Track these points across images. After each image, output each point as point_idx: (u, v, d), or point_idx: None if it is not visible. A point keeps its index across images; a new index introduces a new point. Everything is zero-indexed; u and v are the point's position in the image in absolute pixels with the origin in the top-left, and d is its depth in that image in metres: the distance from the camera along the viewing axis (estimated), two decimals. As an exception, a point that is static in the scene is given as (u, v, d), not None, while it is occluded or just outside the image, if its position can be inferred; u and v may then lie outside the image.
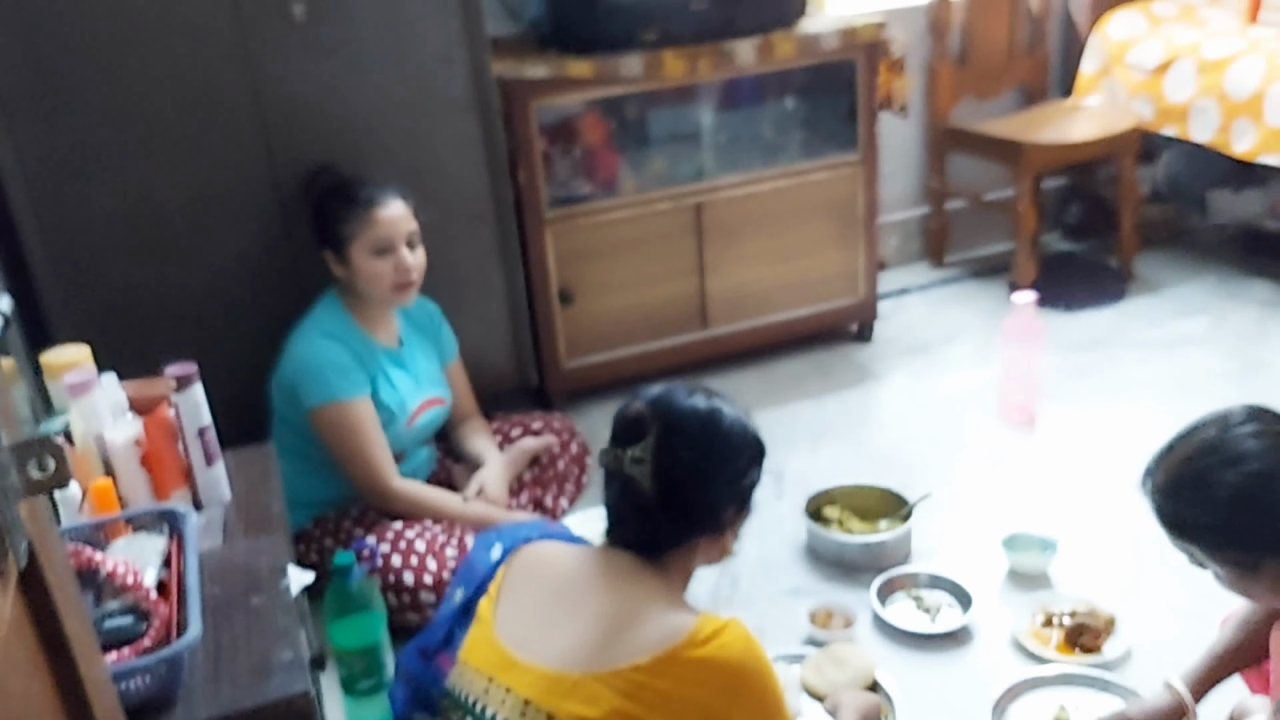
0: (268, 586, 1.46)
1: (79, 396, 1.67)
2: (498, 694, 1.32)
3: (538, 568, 1.43)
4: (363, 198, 2.23)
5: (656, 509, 1.37)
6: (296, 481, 2.24)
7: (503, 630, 1.37)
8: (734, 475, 1.42)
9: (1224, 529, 1.36)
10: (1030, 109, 3.74)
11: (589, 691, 1.26)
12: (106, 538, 1.46)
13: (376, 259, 2.23)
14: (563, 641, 1.32)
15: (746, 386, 3.10)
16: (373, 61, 2.36)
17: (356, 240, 2.22)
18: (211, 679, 1.30)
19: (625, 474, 1.37)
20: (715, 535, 1.44)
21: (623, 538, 1.42)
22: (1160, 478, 1.42)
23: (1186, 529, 1.40)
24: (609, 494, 1.42)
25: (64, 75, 2.14)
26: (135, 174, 2.25)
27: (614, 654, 1.28)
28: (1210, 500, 1.36)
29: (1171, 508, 1.41)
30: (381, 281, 2.24)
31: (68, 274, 2.25)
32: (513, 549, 1.48)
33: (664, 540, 1.40)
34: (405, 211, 2.26)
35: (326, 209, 2.25)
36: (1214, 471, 1.36)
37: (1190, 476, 1.38)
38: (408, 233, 2.26)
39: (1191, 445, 1.40)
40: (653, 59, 2.77)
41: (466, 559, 1.58)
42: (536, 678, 1.30)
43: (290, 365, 2.24)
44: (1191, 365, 3.06)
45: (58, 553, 0.89)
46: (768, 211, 3.07)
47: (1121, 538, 2.34)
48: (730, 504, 1.43)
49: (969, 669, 2.04)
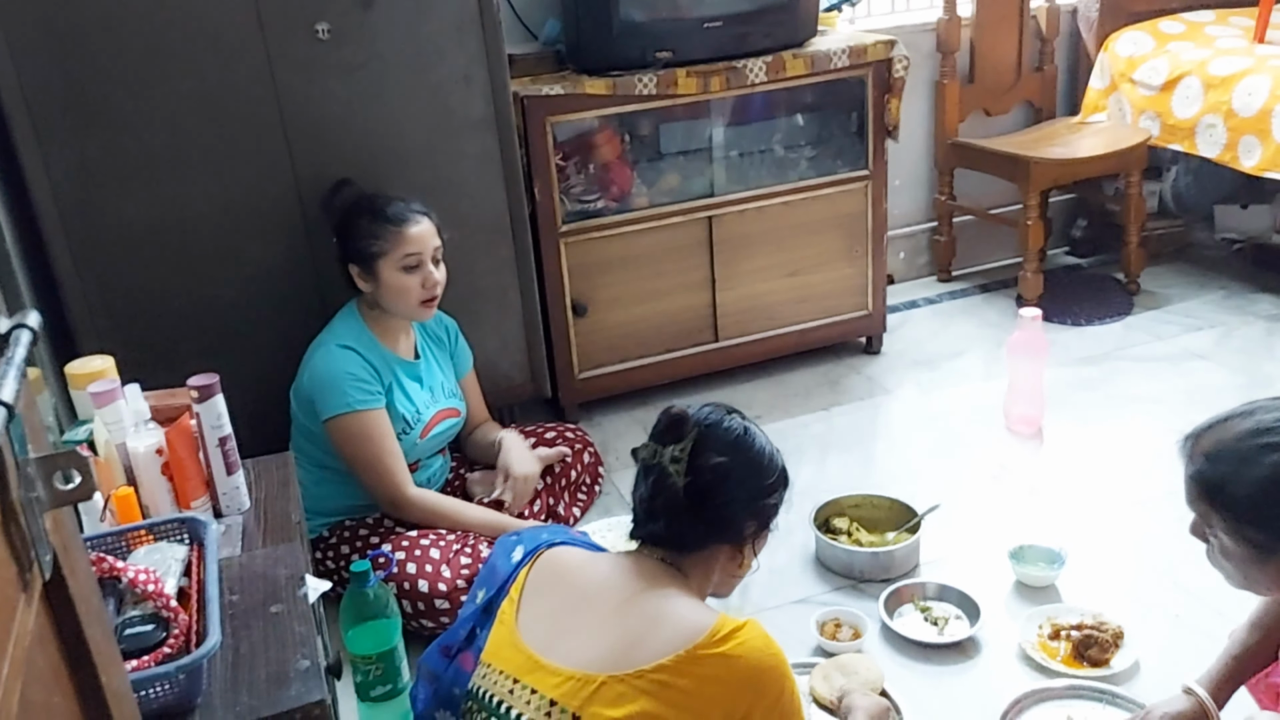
0: (286, 595, 1.49)
1: (103, 406, 1.70)
2: (523, 695, 1.36)
3: (560, 572, 1.48)
4: (393, 215, 2.27)
5: (684, 507, 1.44)
6: (315, 491, 2.28)
7: (526, 633, 1.41)
8: (757, 491, 1.49)
9: (1253, 506, 1.38)
10: (1038, 126, 3.77)
11: (614, 692, 1.30)
12: (129, 546, 1.48)
13: (406, 275, 2.27)
14: (587, 643, 1.36)
15: (756, 398, 3.13)
16: (394, 79, 2.40)
17: (387, 257, 2.25)
18: (230, 687, 1.32)
19: (661, 468, 1.45)
20: (735, 547, 1.50)
21: (649, 533, 1.48)
22: (1208, 442, 1.43)
23: (1216, 496, 1.41)
24: (641, 488, 1.49)
25: (93, 90, 2.18)
26: (161, 188, 2.29)
27: (637, 655, 1.32)
28: (1250, 475, 1.37)
29: (1210, 472, 1.42)
30: (409, 297, 2.28)
31: (94, 285, 2.29)
32: (534, 552, 1.52)
33: (687, 540, 1.46)
34: (432, 229, 2.31)
35: (354, 225, 2.29)
36: (1263, 450, 1.37)
37: (1240, 450, 1.40)
38: (434, 249, 2.30)
39: (1248, 421, 1.42)
40: (666, 77, 2.81)
41: (488, 561, 1.63)
42: (562, 679, 1.33)
43: (308, 376, 2.28)
44: (1198, 380, 3.07)
45: (81, 564, 0.90)
46: (778, 226, 3.10)
47: (1129, 550, 2.36)
48: (751, 518, 1.49)
49: (976, 680, 2.06)
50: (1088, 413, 2.95)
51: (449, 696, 1.56)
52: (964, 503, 2.58)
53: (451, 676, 1.57)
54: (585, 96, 2.76)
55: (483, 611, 1.57)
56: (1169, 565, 2.24)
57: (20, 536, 0.72)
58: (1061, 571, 2.28)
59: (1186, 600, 2.16)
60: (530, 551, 1.54)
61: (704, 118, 3.09)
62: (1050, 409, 2.90)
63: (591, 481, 2.67)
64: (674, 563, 1.47)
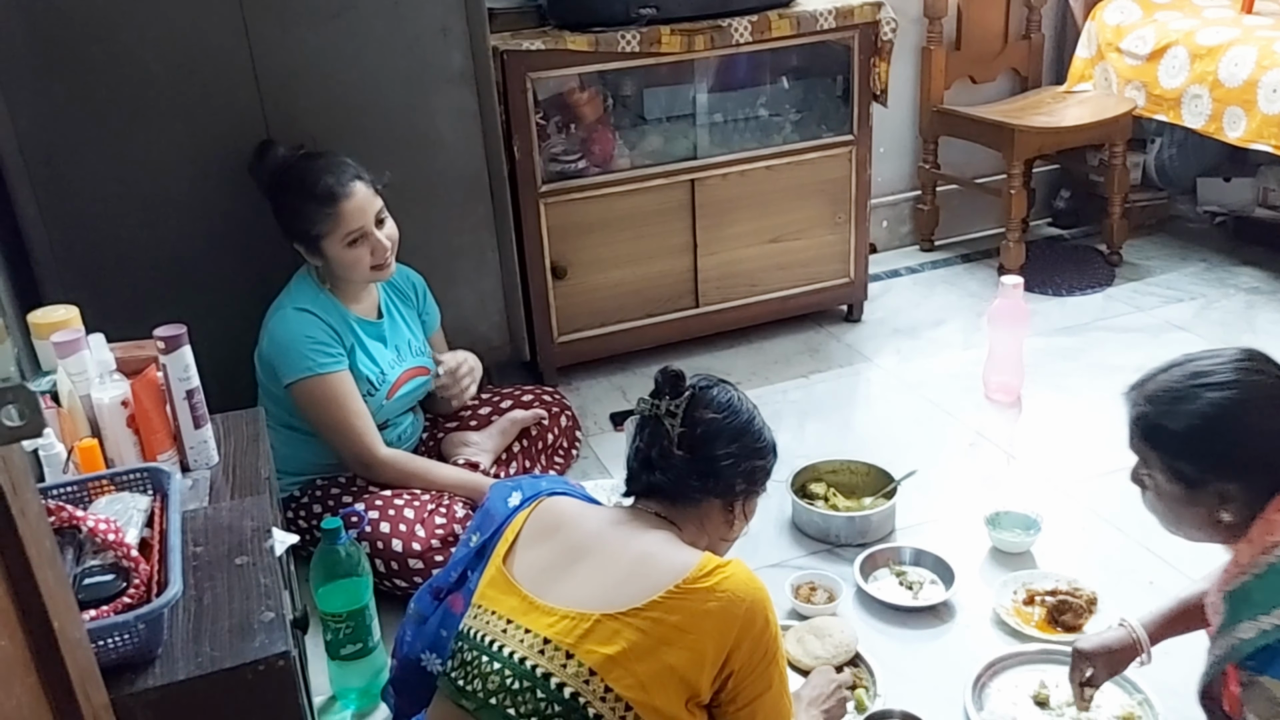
0: (252, 547, 1.47)
1: (66, 356, 1.67)
2: (516, 635, 1.39)
3: (557, 520, 1.51)
4: (322, 192, 2.15)
5: (677, 457, 1.49)
6: (285, 451, 2.24)
7: (521, 576, 1.45)
8: (748, 451, 1.54)
9: (1186, 439, 1.43)
10: (1023, 95, 3.74)
11: (606, 630, 1.34)
12: (90, 496, 1.45)
13: (352, 249, 2.20)
14: (580, 586, 1.40)
15: (736, 364, 3.12)
16: (370, 30, 2.35)
17: (328, 238, 2.18)
18: (192, 638, 1.30)
19: (657, 419, 1.51)
20: (726, 505, 1.54)
21: (644, 485, 1.52)
22: (1151, 387, 1.49)
23: (1152, 433, 1.47)
24: (638, 439, 1.54)
25: (60, 36, 2.12)
26: (130, 137, 2.23)
27: (629, 594, 1.36)
28: (1184, 412, 1.43)
29: (1146, 411, 1.47)
30: (359, 267, 2.22)
31: (59, 234, 2.24)
32: (532, 499, 1.56)
33: (680, 491, 1.50)
34: (368, 193, 2.20)
35: (284, 204, 2.20)
36: (1197, 390, 1.43)
37: (1174, 389, 1.46)
38: (375, 211, 2.22)
39: (1185, 369, 1.47)
40: (649, 34, 2.76)
41: (483, 505, 1.64)
42: (556, 619, 1.37)
43: (268, 341, 2.23)
44: (1177, 350, 2.95)
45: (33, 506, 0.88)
46: (761, 191, 3.07)
47: (1104, 517, 2.36)
48: (741, 476, 1.53)
49: (950, 644, 2.06)
50: (1066, 382, 2.95)
51: (435, 638, 1.57)
52: (941, 469, 2.57)
53: (439, 618, 1.58)
54: (566, 53, 2.72)
55: (476, 555, 1.59)
56: (1143, 533, 2.23)
57: (-39, 471, 0.69)
58: (1037, 538, 2.28)
59: (1160, 567, 2.17)
60: (529, 498, 1.57)
61: (688, 81, 3.04)
62: (1029, 378, 2.89)
63: (569, 445, 2.65)
64: (668, 515, 1.51)
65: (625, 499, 1.57)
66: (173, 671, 1.26)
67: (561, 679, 1.33)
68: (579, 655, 1.33)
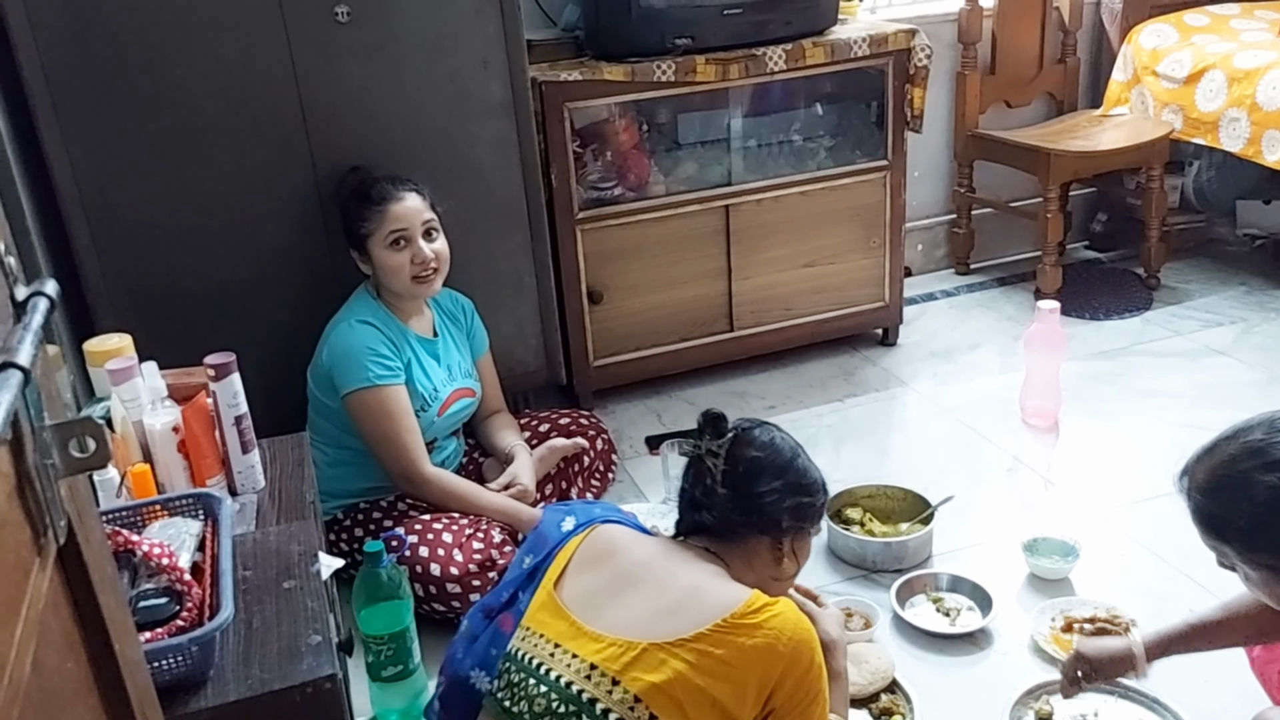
0: (299, 570, 1.49)
1: (120, 384, 1.71)
2: (563, 659, 1.41)
3: (609, 547, 1.54)
4: (376, 194, 2.28)
5: (722, 495, 1.53)
6: (330, 472, 2.29)
7: (570, 601, 1.47)
8: (789, 488, 1.56)
9: (1260, 532, 1.35)
10: (1059, 118, 3.74)
11: (654, 659, 1.36)
12: (143, 521, 1.49)
13: (394, 252, 2.28)
14: (629, 614, 1.42)
15: (771, 388, 3.13)
16: (413, 63, 2.40)
17: (373, 236, 2.27)
18: (242, 660, 1.33)
19: (701, 460, 1.55)
20: (774, 543, 1.55)
21: (692, 524, 1.56)
22: (1201, 476, 1.40)
23: (1222, 529, 1.39)
24: (685, 480, 1.58)
25: (113, 69, 2.19)
26: (179, 167, 2.30)
27: (676, 625, 1.38)
28: (1249, 502, 1.34)
29: (1209, 507, 1.39)
30: (401, 274, 2.29)
31: (111, 263, 2.30)
32: (586, 525, 1.59)
33: (726, 528, 1.53)
34: (420, 203, 2.31)
35: (348, 210, 2.32)
36: (1257, 474, 1.33)
37: (1232, 477, 1.36)
38: (423, 223, 2.30)
39: (1236, 446, 1.38)
40: (685, 64, 2.80)
41: (537, 528, 1.68)
42: (603, 645, 1.39)
43: (328, 352, 2.29)
44: (1217, 375, 3.05)
45: (96, 533, 0.91)
46: (795, 216, 3.09)
47: (1142, 544, 2.35)
48: (785, 512, 1.54)
49: (988, 672, 2.05)
50: (1104, 407, 2.94)
51: (485, 656, 1.60)
52: (978, 494, 2.57)
53: (489, 637, 1.61)
54: (603, 83, 2.76)
55: (527, 576, 1.62)
56: (1182, 559, 2.22)
57: (35, 502, 0.72)
58: (1075, 564, 2.27)
59: (1200, 593, 2.15)
60: (582, 524, 1.60)
61: (722, 107, 3.07)
62: (1066, 402, 2.88)
63: (605, 469, 2.67)
64: (716, 552, 1.54)
65: (676, 537, 1.61)
66: (224, 693, 1.28)
67: (606, 705, 1.35)
68: (625, 682, 1.35)
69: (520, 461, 2.44)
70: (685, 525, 1.58)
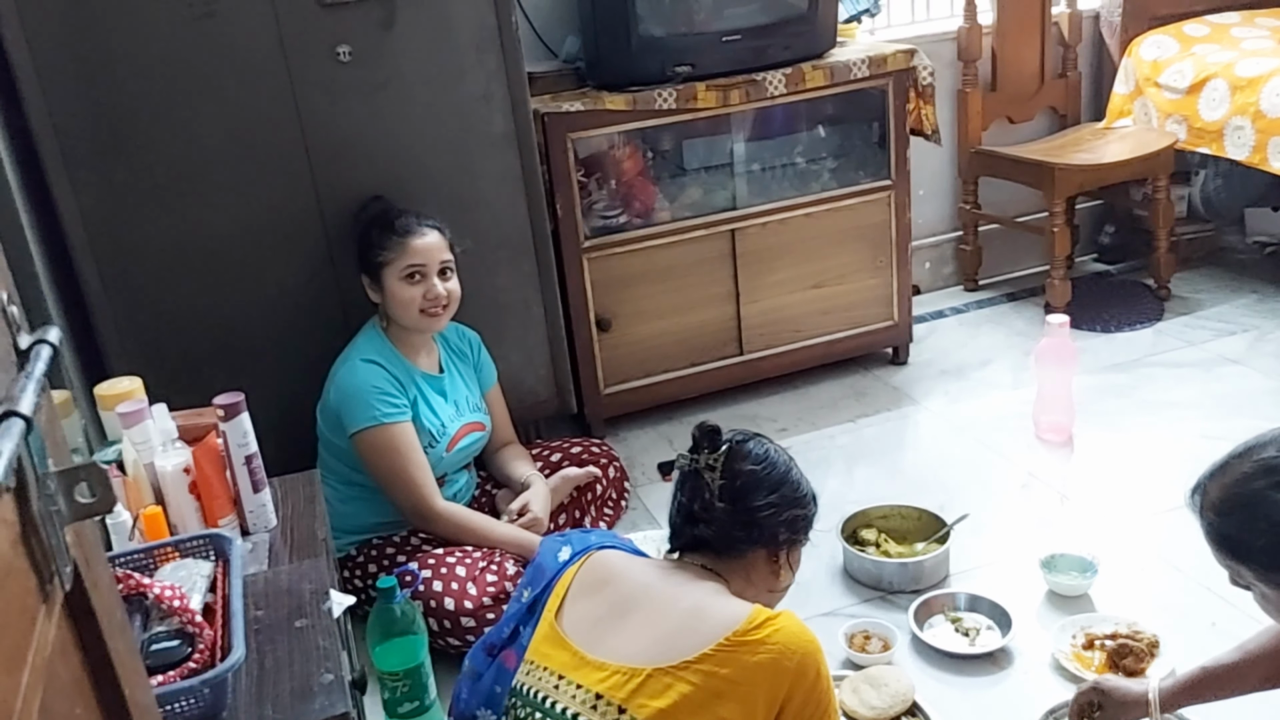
0: (310, 610, 1.49)
1: (131, 426, 1.72)
2: (568, 690, 1.40)
3: (606, 573, 1.53)
4: (400, 226, 2.30)
5: (719, 509, 1.52)
6: (342, 509, 2.29)
7: (572, 631, 1.46)
8: (785, 501, 1.55)
9: (1271, 551, 1.33)
10: (1062, 132, 3.74)
11: (658, 684, 1.35)
12: (155, 563, 1.49)
13: (408, 285, 2.29)
14: (630, 640, 1.41)
15: (782, 411, 3.12)
16: (415, 99, 2.42)
17: (390, 266, 2.29)
18: (255, 701, 1.32)
19: (697, 474, 1.54)
20: (770, 555, 1.55)
21: (688, 539, 1.54)
22: (1214, 494, 1.38)
23: (1236, 549, 1.36)
24: (681, 494, 1.56)
25: (119, 115, 2.22)
26: (186, 209, 2.32)
27: (679, 647, 1.37)
28: (1266, 521, 1.31)
29: (1224, 526, 1.36)
30: (410, 307, 2.30)
31: (121, 307, 2.32)
32: (582, 554, 1.58)
33: (724, 542, 1.52)
34: (440, 242, 2.32)
35: (368, 236, 2.33)
36: (1272, 492, 1.30)
37: (1247, 495, 1.33)
38: (440, 262, 2.32)
39: (1249, 464, 1.35)
40: (686, 91, 2.82)
41: (534, 561, 1.67)
42: (607, 674, 1.38)
43: (334, 391, 2.30)
44: (1231, 384, 3.03)
45: (104, 578, 0.91)
46: (801, 238, 3.09)
47: (1163, 557, 2.33)
48: (781, 525, 1.54)
49: (1009, 691, 2.03)
50: (1118, 420, 2.92)
51: (490, 694, 1.59)
52: (994, 512, 2.55)
53: (494, 675, 1.60)
54: (605, 112, 2.77)
55: (527, 610, 1.61)
56: (1203, 572, 2.19)
57: (41, 549, 0.72)
58: (1094, 580, 2.25)
59: (1222, 607, 2.13)
60: (578, 552, 1.59)
61: (725, 132, 3.09)
62: (1080, 416, 2.87)
63: (618, 496, 2.67)
64: (713, 568, 1.53)
65: (671, 554, 1.59)
66: (237, 734, 1.29)
67: None
68: (631, 710, 1.34)
69: (535, 489, 2.44)
70: (683, 541, 1.56)
